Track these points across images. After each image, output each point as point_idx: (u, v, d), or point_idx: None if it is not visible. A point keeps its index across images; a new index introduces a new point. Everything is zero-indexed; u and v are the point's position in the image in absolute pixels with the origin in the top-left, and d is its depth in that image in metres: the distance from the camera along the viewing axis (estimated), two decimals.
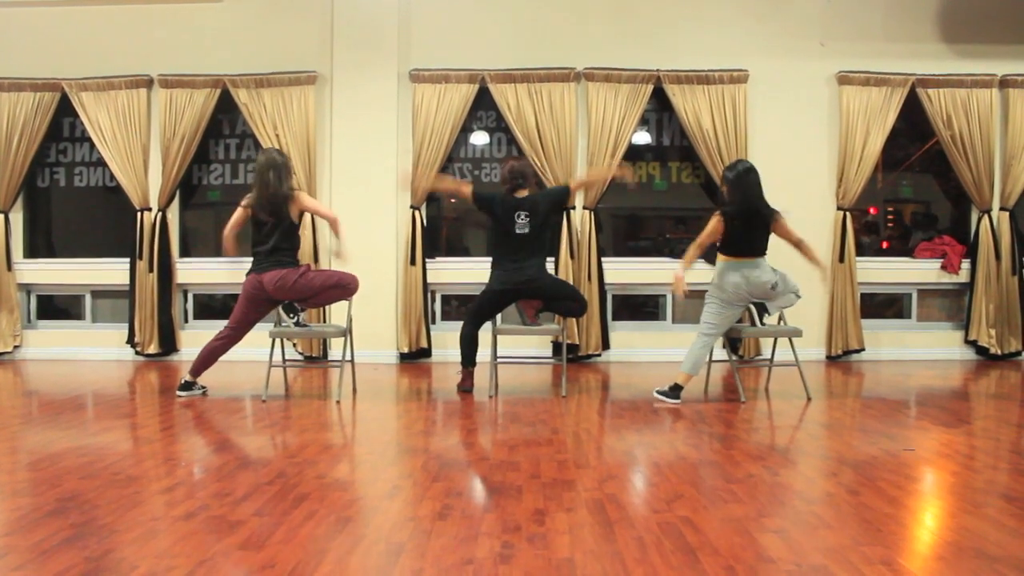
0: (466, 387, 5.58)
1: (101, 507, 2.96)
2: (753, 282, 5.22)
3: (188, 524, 2.79)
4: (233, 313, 5.36)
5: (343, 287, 5.33)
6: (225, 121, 7.63)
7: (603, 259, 7.32)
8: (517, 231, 5.47)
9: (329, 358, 7.26)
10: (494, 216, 5.55)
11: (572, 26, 7.39)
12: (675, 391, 5.24)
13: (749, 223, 5.19)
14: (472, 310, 5.75)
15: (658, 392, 5.30)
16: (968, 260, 7.44)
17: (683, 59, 7.24)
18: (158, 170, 7.37)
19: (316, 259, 7.23)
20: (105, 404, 5.46)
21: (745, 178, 5.21)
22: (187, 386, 5.41)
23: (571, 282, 6.94)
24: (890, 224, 8.34)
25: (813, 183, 7.33)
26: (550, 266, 6.87)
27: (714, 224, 5.23)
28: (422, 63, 7.27)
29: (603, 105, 7.19)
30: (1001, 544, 2.60)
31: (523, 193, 5.55)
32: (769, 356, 5.95)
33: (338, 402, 5.27)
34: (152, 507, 3.01)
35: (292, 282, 5.19)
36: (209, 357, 5.36)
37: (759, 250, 5.26)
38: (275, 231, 5.23)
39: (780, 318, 5.68)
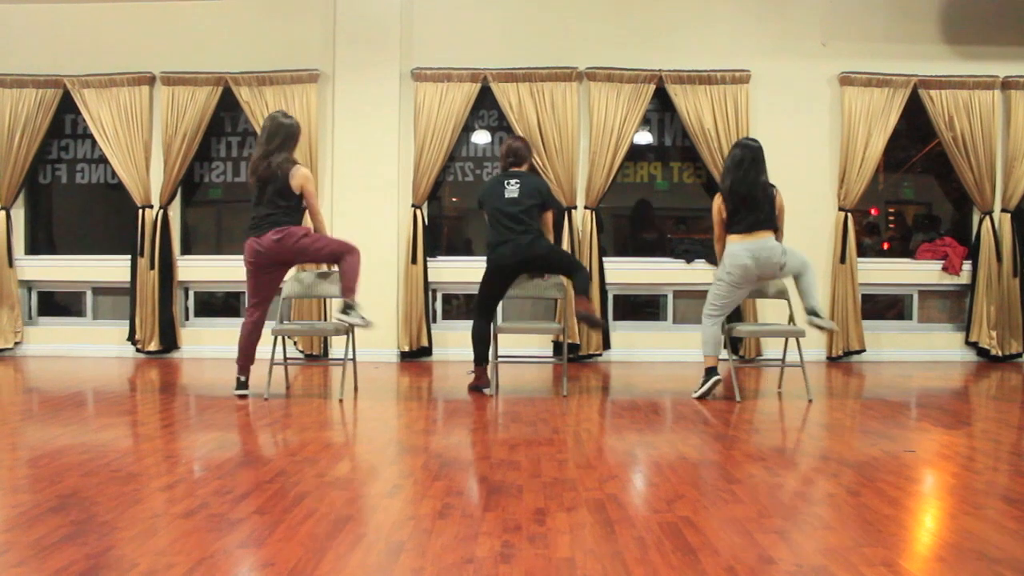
0: (481, 385, 5.54)
1: (101, 504, 2.96)
2: (762, 263, 5.20)
3: (188, 522, 2.79)
4: (247, 291, 5.29)
5: (347, 254, 5.21)
6: (227, 119, 7.64)
7: (604, 259, 7.32)
8: (507, 196, 5.40)
9: (330, 356, 7.26)
10: (488, 198, 5.49)
11: (574, 26, 7.39)
12: (709, 373, 5.29)
13: (751, 196, 5.17)
14: (477, 301, 5.72)
15: (696, 394, 5.33)
16: (969, 262, 7.44)
17: (685, 59, 7.24)
18: (160, 167, 7.37)
19: None
20: (105, 401, 5.46)
21: (744, 156, 5.23)
22: (242, 385, 5.29)
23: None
24: (891, 225, 8.34)
25: (814, 184, 7.32)
26: None
27: (717, 205, 5.27)
28: (424, 62, 7.26)
29: (605, 105, 7.19)
30: (1002, 546, 2.60)
31: (515, 169, 5.53)
32: (769, 356, 5.95)
33: (340, 400, 5.27)
34: (152, 504, 3.01)
35: (295, 240, 5.09)
36: (247, 347, 5.25)
37: (767, 223, 5.21)
38: (274, 195, 5.09)
39: (790, 319, 5.65)
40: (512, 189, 5.43)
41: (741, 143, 5.36)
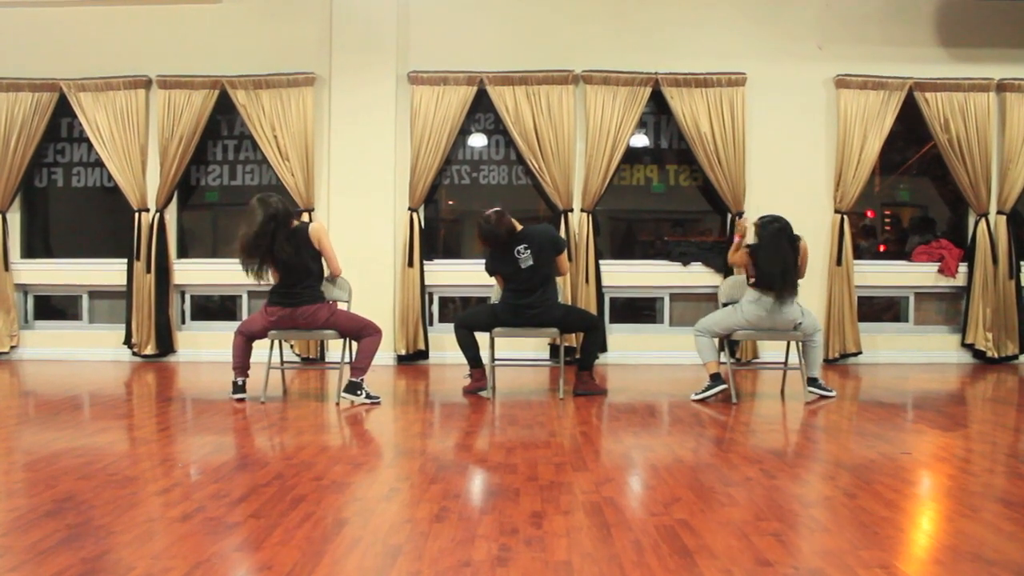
0: (479, 387, 5.54)
1: (98, 508, 2.95)
2: (777, 319, 5.27)
3: (185, 525, 2.78)
4: (250, 324, 5.34)
5: (369, 334, 5.27)
6: (223, 122, 7.63)
7: (600, 262, 7.32)
8: (522, 266, 5.36)
9: (326, 360, 7.25)
10: (499, 265, 5.44)
11: (570, 28, 7.40)
12: (715, 380, 5.30)
13: (777, 261, 5.24)
14: (470, 316, 5.71)
15: (696, 396, 5.33)
16: (965, 264, 7.45)
17: (681, 62, 7.25)
18: (156, 171, 7.36)
19: None
20: (102, 405, 5.45)
21: (778, 236, 5.27)
22: (239, 388, 5.30)
23: (570, 284, 6.96)
24: (887, 227, 8.35)
25: (811, 186, 7.33)
26: None
27: (742, 256, 5.34)
28: (420, 65, 7.27)
29: (601, 108, 7.19)
30: (998, 548, 2.61)
31: (516, 232, 5.44)
32: (765, 359, 5.95)
33: (337, 404, 5.26)
34: (149, 508, 3.00)
35: (326, 317, 5.19)
36: (240, 354, 5.29)
37: (791, 284, 5.28)
38: (301, 264, 5.14)
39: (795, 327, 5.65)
40: (525, 257, 5.35)
41: (774, 229, 5.31)
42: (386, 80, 7.27)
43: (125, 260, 7.45)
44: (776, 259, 5.22)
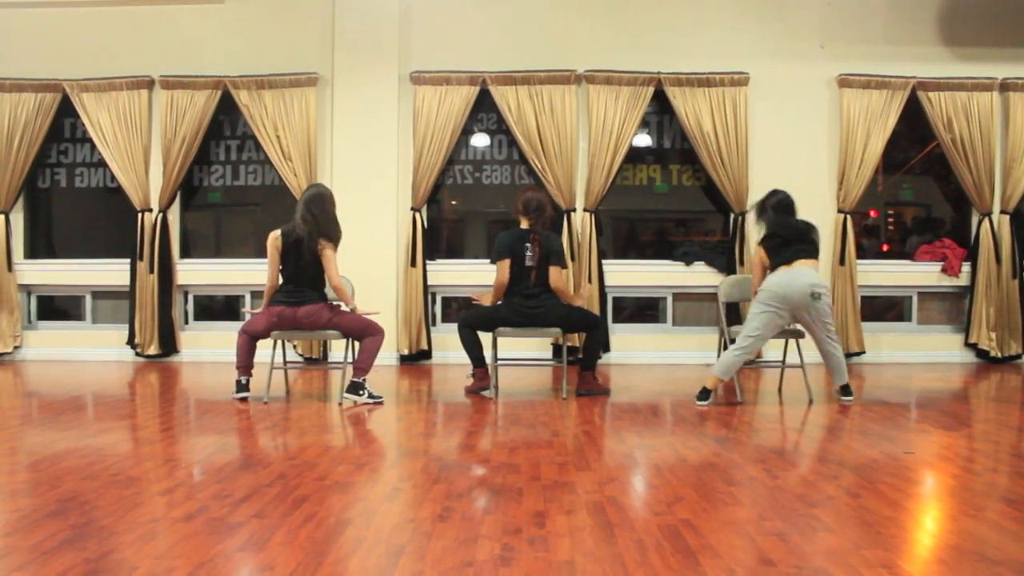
0: (482, 387, 5.56)
1: (101, 508, 2.95)
2: (797, 290, 5.03)
3: (188, 525, 2.79)
4: (253, 324, 5.34)
5: (372, 334, 5.28)
6: (226, 122, 7.64)
7: (604, 261, 7.32)
8: (526, 264, 5.40)
9: (329, 360, 7.26)
10: (506, 255, 5.44)
11: (573, 28, 7.40)
12: (704, 395, 5.16)
13: (790, 238, 5.24)
14: (473, 316, 5.71)
15: (700, 404, 5.22)
16: (968, 263, 7.44)
17: (684, 62, 7.25)
18: (159, 171, 7.37)
19: None
20: (105, 405, 5.45)
21: (780, 208, 5.36)
22: (242, 387, 5.30)
23: (572, 285, 6.95)
24: (890, 227, 8.34)
25: (814, 186, 7.32)
26: None
27: (759, 255, 5.28)
28: (423, 65, 7.27)
29: (604, 107, 7.19)
30: (1002, 547, 2.60)
31: (527, 223, 5.48)
32: (768, 358, 5.94)
33: (339, 404, 5.27)
34: (152, 508, 3.01)
35: (328, 318, 5.20)
36: (244, 354, 5.30)
37: (812, 253, 5.23)
38: (311, 264, 5.18)
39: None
40: (530, 257, 5.41)
41: (775, 201, 5.46)
42: (388, 80, 7.27)
43: (128, 260, 7.46)
44: (790, 225, 5.25)
